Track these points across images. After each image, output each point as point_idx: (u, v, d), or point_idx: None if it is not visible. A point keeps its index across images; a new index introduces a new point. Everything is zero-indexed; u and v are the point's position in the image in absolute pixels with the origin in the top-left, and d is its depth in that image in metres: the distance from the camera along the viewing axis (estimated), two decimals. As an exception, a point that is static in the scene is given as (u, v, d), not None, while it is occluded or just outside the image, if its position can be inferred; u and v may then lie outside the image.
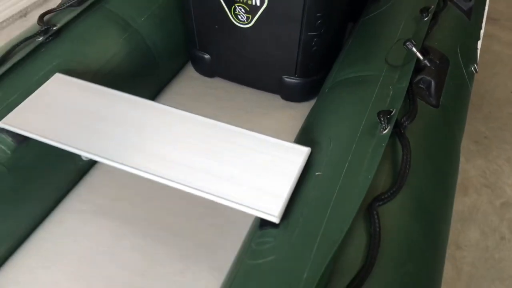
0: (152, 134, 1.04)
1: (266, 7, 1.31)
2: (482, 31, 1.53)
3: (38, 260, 1.10)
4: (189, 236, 1.15)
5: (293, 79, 1.48)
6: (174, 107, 1.11)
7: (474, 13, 1.47)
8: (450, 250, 1.63)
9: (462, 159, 1.94)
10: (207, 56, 1.57)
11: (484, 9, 1.58)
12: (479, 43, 1.46)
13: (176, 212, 1.20)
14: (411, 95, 1.06)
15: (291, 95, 1.54)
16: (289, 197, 0.91)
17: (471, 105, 2.13)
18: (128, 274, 1.07)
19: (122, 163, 0.97)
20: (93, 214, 1.19)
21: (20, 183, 1.07)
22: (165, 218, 1.19)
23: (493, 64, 2.38)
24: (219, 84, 1.63)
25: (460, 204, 1.76)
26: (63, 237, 1.14)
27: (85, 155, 1.01)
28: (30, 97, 1.11)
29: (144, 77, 1.47)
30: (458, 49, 1.30)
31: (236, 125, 1.06)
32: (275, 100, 1.57)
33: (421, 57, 1.13)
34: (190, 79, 1.64)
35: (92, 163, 1.30)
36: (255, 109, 1.53)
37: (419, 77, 1.13)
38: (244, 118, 1.50)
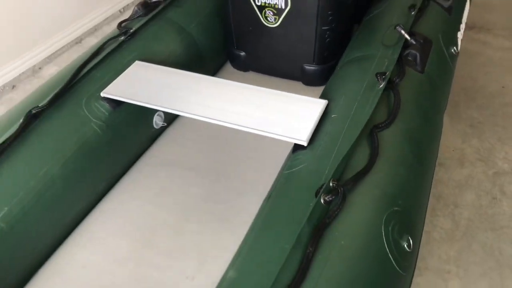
0: (211, 96, 1.43)
1: (289, 9, 1.70)
2: (462, 25, 1.90)
3: (127, 194, 1.48)
4: (237, 178, 1.53)
5: (312, 66, 1.85)
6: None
7: (454, 10, 1.84)
8: (449, 209, 1.92)
9: (458, 140, 2.26)
10: (242, 54, 1.96)
11: (464, 7, 1.95)
12: (459, 34, 1.83)
13: (225, 163, 1.58)
14: (400, 63, 1.44)
15: (311, 80, 1.90)
16: (313, 130, 1.28)
17: (467, 97, 2.47)
18: (193, 201, 1.44)
19: (191, 113, 1.36)
20: (164, 165, 1.57)
21: (114, 138, 1.46)
22: (218, 167, 1.57)
23: (487, 65, 2.71)
24: (252, 77, 2.02)
25: (458, 174, 2.05)
26: (144, 180, 1.53)
27: (164, 110, 1.40)
28: (119, 76, 1.51)
29: (193, 71, 1.86)
30: (440, 35, 1.67)
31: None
32: (298, 85, 1.94)
33: (408, 37, 1.51)
34: (228, 74, 2.03)
35: (161, 130, 1.69)
36: (282, 93, 1.91)
37: (407, 51, 1.50)
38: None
